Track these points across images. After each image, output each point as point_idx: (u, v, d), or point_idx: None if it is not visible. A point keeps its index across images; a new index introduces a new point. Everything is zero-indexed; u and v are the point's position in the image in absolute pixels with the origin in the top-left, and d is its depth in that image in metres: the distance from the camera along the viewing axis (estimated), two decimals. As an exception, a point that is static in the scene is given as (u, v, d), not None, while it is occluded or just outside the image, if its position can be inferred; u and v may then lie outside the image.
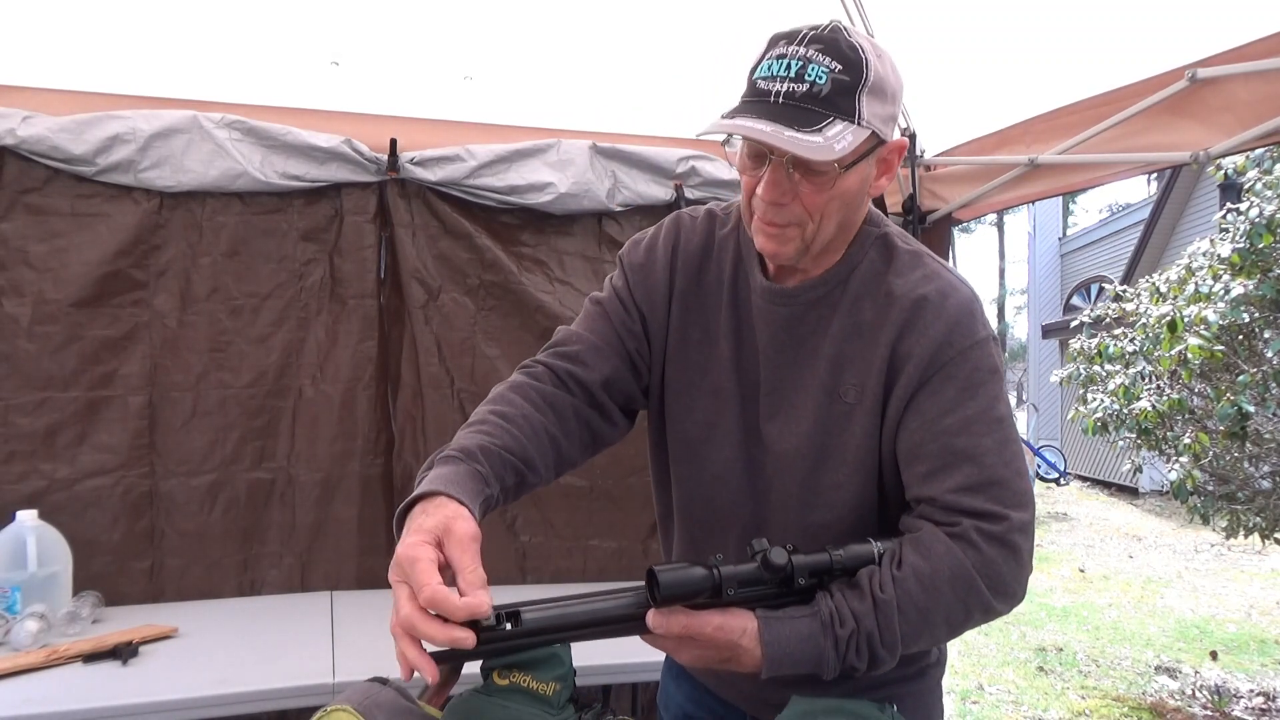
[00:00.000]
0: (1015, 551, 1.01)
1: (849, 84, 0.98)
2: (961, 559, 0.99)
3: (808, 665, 0.98)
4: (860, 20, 2.25)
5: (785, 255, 1.09)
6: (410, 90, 2.46)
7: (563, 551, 2.64)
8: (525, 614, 0.93)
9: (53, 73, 2.24)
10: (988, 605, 1.01)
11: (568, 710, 1.09)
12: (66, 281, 2.25)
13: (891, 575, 1.00)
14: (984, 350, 1.06)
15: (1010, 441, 1.05)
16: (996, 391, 1.06)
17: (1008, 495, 1.01)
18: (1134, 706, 4.36)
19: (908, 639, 1.00)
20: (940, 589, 0.99)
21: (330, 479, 2.47)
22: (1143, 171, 2.51)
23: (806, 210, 1.05)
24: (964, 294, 1.09)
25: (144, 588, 2.30)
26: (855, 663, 0.98)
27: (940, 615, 1.00)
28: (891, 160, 1.08)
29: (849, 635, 0.97)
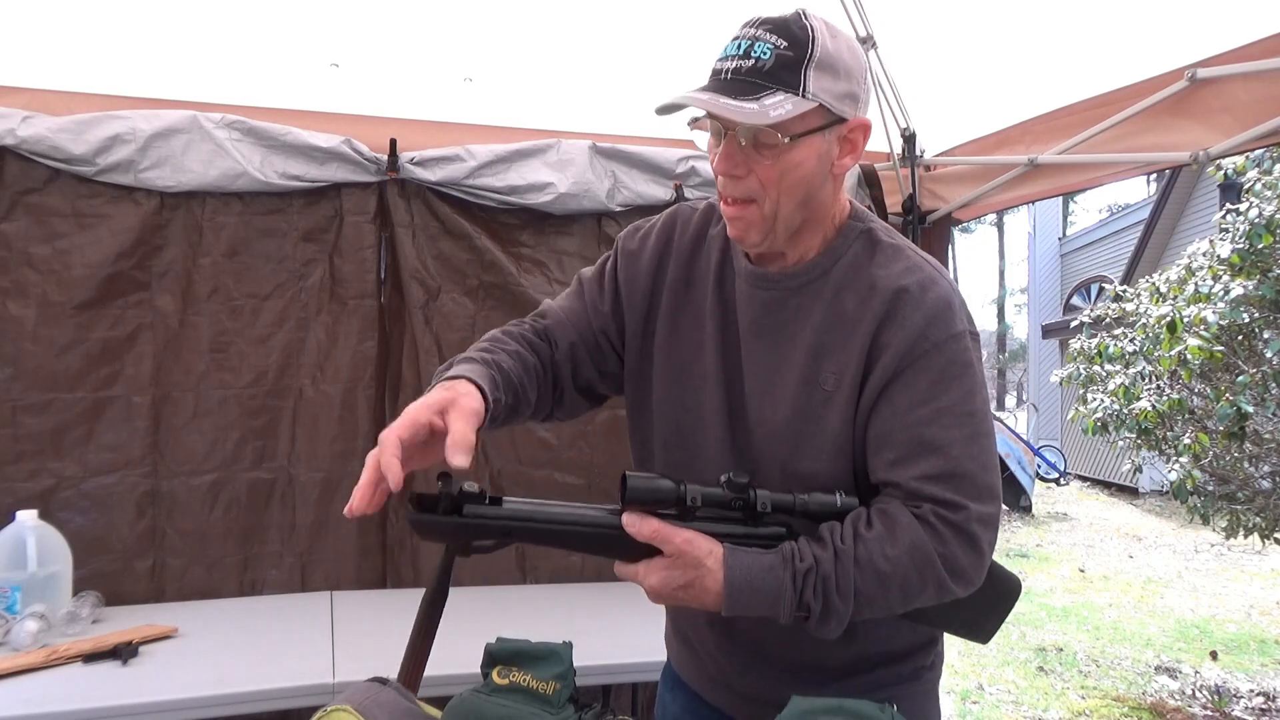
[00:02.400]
0: (973, 541, 1.03)
1: (793, 59, 1.01)
2: (922, 535, 1.02)
3: (767, 597, 1.00)
4: (860, 20, 2.25)
5: (751, 239, 1.12)
6: (410, 92, 2.46)
7: (561, 550, 2.63)
8: (509, 501, 1.00)
9: (53, 73, 2.24)
10: (942, 583, 1.04)
11: (567, 710, 1.09)
12: (70, 283, 2.26)
13: (854, 532, 1.03)
14: (960, 344, 1.07)
15: (980, 436, 1.06)
16: (970, 386, 1.07)
17: (970, 487, 1.03)
18: (1134, 706, 4.36)
19: (862, 595, 1.02)
20: (899, 557, 1.01)
21: (330, 479, 2.47)
22: (1143, 172, 2.52)
23: (761, 184, 1.06)
24: (943, 287, 1.09)
25: (145, 587, 2.31)
26: (811, 602, 1.00)
27: (896, 582, 1.02)
28: (855, 140, 1.09)
29: (806, 571, 1.00)
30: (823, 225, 1.14)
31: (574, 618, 2.24)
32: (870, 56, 2.36)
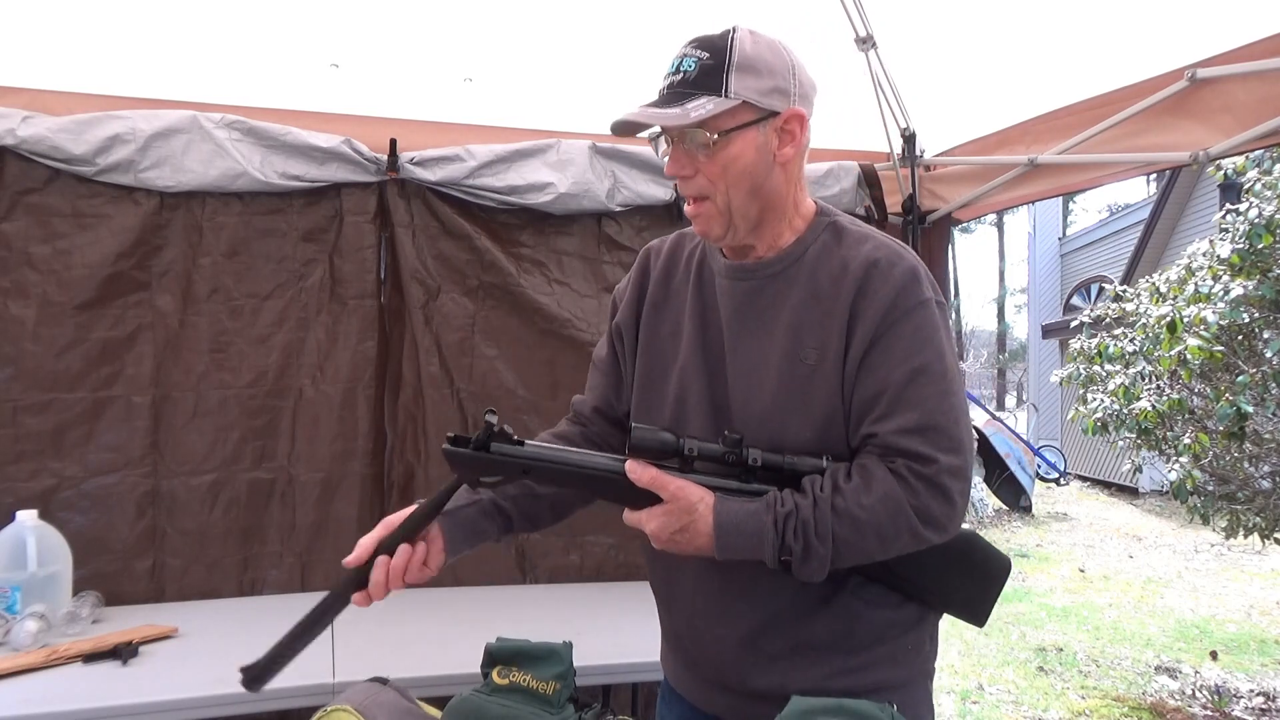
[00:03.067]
0: (944, 491, 1.11)
1: (714, 66, 1.15)
2: (896, 486, 1.11)
3: (752, 539, 1.11)
4: (860, 20, 2.25)
5: (714, 233, 1.23)
6: (410, 92, 2.46)
7: (560, 549, 2.64)
8: (530, 443, 1.16)
9: (53, 73, 2.24)
10: (915, 530, 1.11)
11: (567, 709, 1.09)
12: (70, 283, 2.26)
13: (833, 484, 1.12)
14: (928, 310, 1.16)
15: (951, 394, 1.14)
16: (940, 348, 1.16)
17: (942, 440, 1.12)
18: (1134, 706, 4.36)
19: (840, 539, 1.10)
20: (874, 505, 1.10)
21: (330, 479, 2.47)
22: (1143, 172, 2.52)
23: (709, 180, 1.19)
24: (909, 261, 1.19)
25: (145, 587, 2.31)
26: (792, 544, 1.10)
27: (872, 528, 1.10)
28: (793, 129, 1.19)
29: (787, 515, 1.10)
30: (786, 216, 1.24)
31: (574, 618, 2.24)
32: (870, 56, 2.36)
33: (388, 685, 1.16)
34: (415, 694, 1.19)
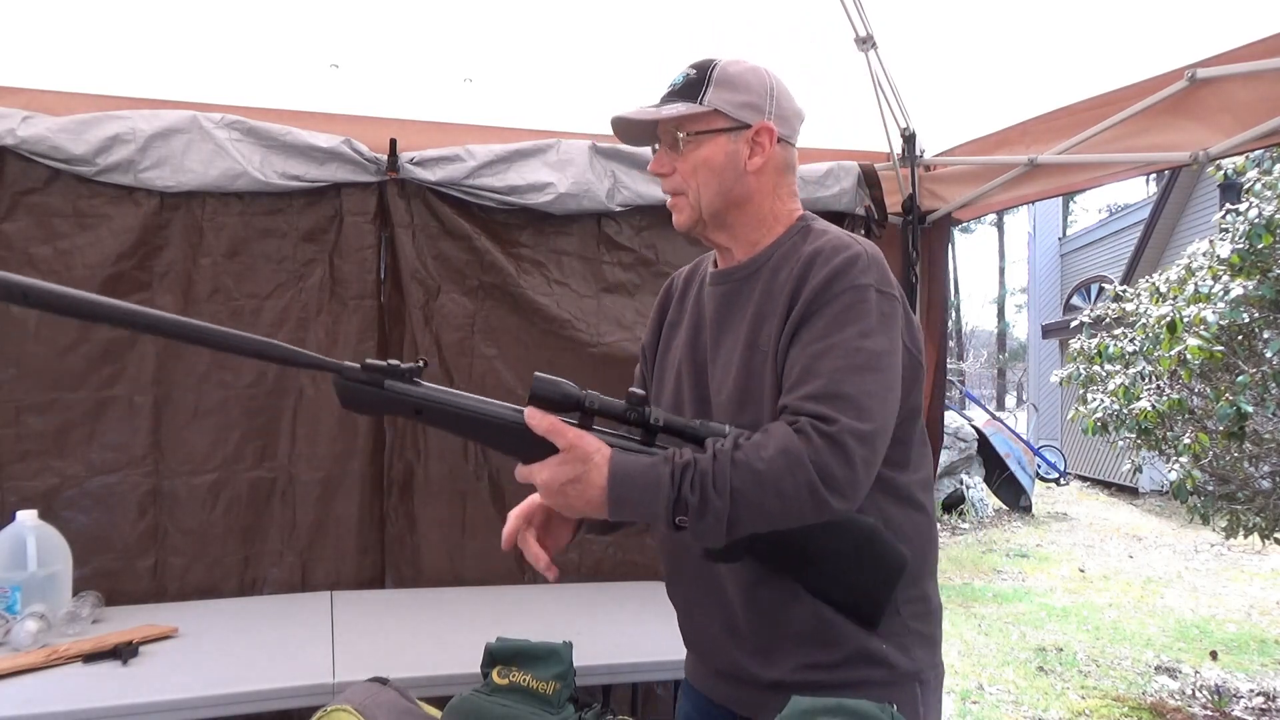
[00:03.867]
0: (844, 450, 1.10)
1: (696, 79, 1.31)
2: (795, 440, 1.11)
3: (647, 491, 1.10)
4: (860, 20, 2.25)
5: (683, 224, 1.35)
6: (410, 92, 2.46)
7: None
8: (427, 385, 1.13)
9: (53, 73, 2.24)
10: (814, 487, 1.09)
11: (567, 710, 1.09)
12: (71, 284, 2.23)
13: (734, 441, 1.14)
14: (862, 294, 1.19)
15: (867, 369, 1.15)
16: (865, 328, 1.17)
17: (847, 406, 1.13)
18: (1134, 706, 4.36)
19: (739, 494, 1.09)
20: (774, 458, 1.10)
21: (331, 478, 2.48)
22: (1142, 172, 2.52)
23: (683, 177, 1.32)
24: (853, 250, 1.23)
25: (147, 585, 2.32)
26: (688, 495, 1.09)
27: (771, 481, 1.09)
28: (762, 141, 1.30)
29: (684, 466, 1.11)
30: (764, 222, 1.34)
31: (574, 618, 2.24)
32: (870, 56, 2.36)
33: (388, 685, 1.16)
34: (415, 694, 1.19)
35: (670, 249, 2.76)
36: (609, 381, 2.64)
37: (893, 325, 1.20)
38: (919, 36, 2.32)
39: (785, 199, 1.36)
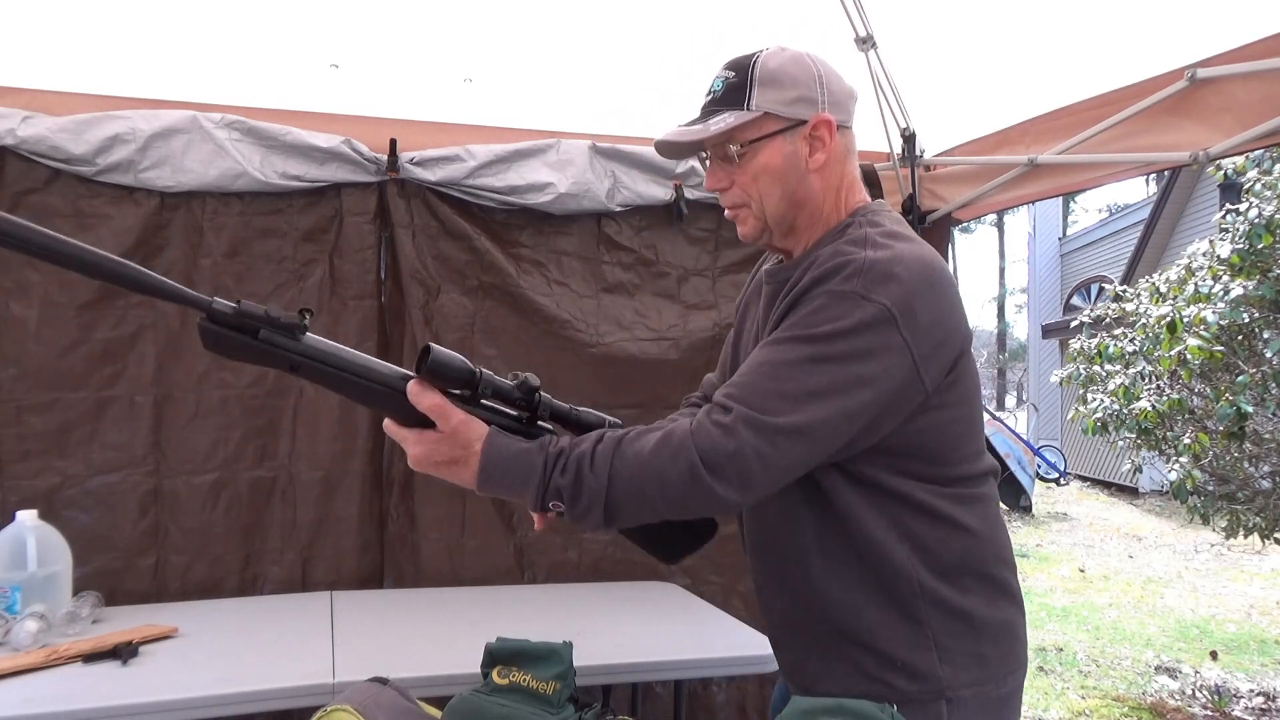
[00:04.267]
0: (733, 435, 1.07)
1: (738, 83, 1.22)
2: (684, 426, 1.10)
3: (518, 475, 1.10)
4: (860, 20, 2.25)
5: (749, 234, 1.29)
6: (410, 92, 2.46)
7: (558, 546, 2.65)
8: (310, 337, 1.07)
9: (53, 73, 2.24)
10: (694, 469, 1.07)
11: (567, 710, 1.09)
12: (71, 284, 2.27)
13: (624, 430, 1.14)
14: (837, 300, 1.12)
15: (794, 366, 1.10)
16: (814, 334, 1.12)
17: (751, 396, 1.10)
18: (1134, 706, 4.36)
19: (616, 476, 1.08)
20: (659, 443, 1.09)
21: (331, 477, 2.48)
22: (1143, 172, 2.52)
23: (743, 189, 1.26)
24: (850, 258, 1.14)
25: (149, 584, 2.32)
26: (559, 481, 1.09)
27: (652, 465, 1.08)
28: (821, 135, 1.23)
29: (559, 453, 1.10)
30: (823, 220, 1.27)
31: (574, 618, 2.24)
32: (870, 56, 2.36)
33: (388, 685, 1.16)
34: (415, 694, 1.19)
35: (670, 249, 2.76)
36: (608, 381, 2.66)
37: (862, 332, 1.11)
38: (919, 36, 2.32)
39: (845, 191, 1.29)
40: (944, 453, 1.22)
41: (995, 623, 1.25)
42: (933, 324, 1.14)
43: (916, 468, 1.20)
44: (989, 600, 1.24)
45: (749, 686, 2.75)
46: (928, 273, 1.16)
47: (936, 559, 1.21)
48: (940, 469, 1.22)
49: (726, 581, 2.75)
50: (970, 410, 1.24)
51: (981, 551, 1.25)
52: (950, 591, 1.22)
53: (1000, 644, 1.25)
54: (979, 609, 1.23)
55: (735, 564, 2.76)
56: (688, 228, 2.75)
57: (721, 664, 2.05)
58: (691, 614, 2.32)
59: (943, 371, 1.18)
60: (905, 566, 1.20)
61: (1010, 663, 1.27)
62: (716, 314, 2.76)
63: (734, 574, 2.75)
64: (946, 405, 1.19)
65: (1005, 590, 1.27)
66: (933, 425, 1.19)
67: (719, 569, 2.76)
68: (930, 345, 1.14)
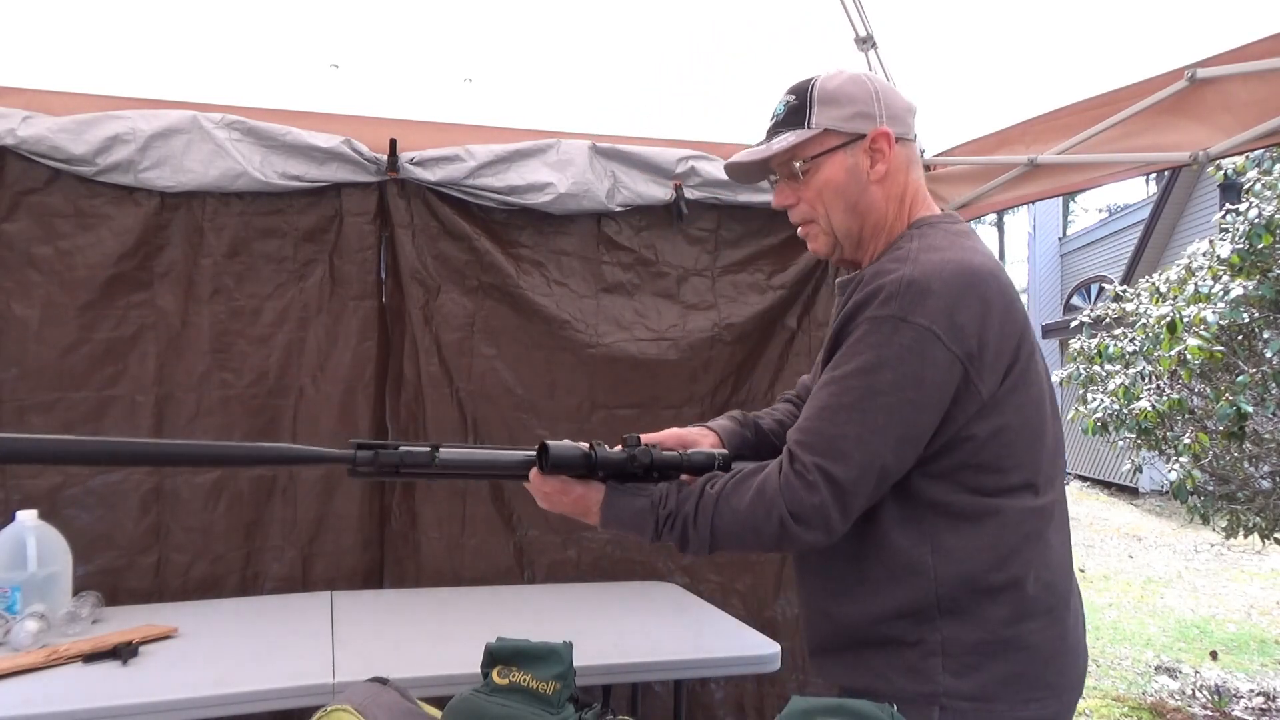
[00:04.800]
0: (814, 490, 1.16)
1: (798, 104, 1.30)
2: (774, 479, 1.19)
3: (634, 530, 1.29)
4: (860, 20, 2.25)
5: (819, 249, 1.36)
6: (410, 92, 2.46)
7: (557, 545, 2.66)
8: (444, 451, 1.25)
9: (53, 73, 2.24)
10: (784, 523, 1.17)
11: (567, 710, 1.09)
12: (73, 284, 2.28)
13: (724, 483, 1.24)
14: (874, 327, 1.17)
15: (853, 409, 1.16)
16: (866, 365, 1.16)
17: (819, 443, 1.17)
18: (1134, 706, 4.36)
19: (717, 531, 1.23)
20: (753, 500, 1.20)
21: (331, 475, 2.49)
22: (1142, 172, 2.52)
23: (809, 204, 1.32)
24: (892, 276, 1.18)
25: (151, 581, 2.34)
26: (669, 537, 1.26)
27: (746, 520, 1.20)
28: (881, 147, 1.28)
29: (667, 516, 1.25)
30: (887, 231, 1.31)
31: (574, 618, 2.24)
32: (870, 56, 2.36)
33: (388, 685, 1.17)
34: (415, 694, 1.19)
35: (669, 249, 2.76)
36: (607, 381, 2.66)
37: (907, 358, 1.14)
38: (919, 36, 2.32)
39: (909, 202, 1.31)
40: (998, 460, 1.20)
41: (1016, 642, 1.20)
42: (980, 331, 1.15)
43: (965, 475, 1.19)
44: (1014, 618, 1.20)
45: (748, 686, 2.76)
46: (970, 280, 1.17)
47: (959, 566, 1.19)
48: (991, 477, 1.20)
49: (725, 580, 2.76)
50: (1030, 417, 1.22)
51: (1014, 566, 1.20)
52: (969, 601, 1.20)
53: (1017, 665, 1.20)
54: (998, 625, 1.19)
55: (734, 563, 2.76)
56: (687, 228, 2.75)
57: (721, 664, 2.05)
58: (691, 614, 2.32)
59: (998, 376, 1.17)
60: (925, 569, 1.20)
61: (1032, 689, 1.20)
62: (715, 314, 2.76)
63: (732, 572, 2.76)
64: (1004, 412, 1.18)
65: (1036, 610, 1.21)
66: (990, 432, 1.18)
67: (718, 568, 2.76)
68: (980, 351, 1.15)
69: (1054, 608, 1.23)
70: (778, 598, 2.79)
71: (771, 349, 2.84)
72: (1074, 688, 1.26)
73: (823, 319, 2.85)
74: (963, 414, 1.17)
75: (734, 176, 1.39)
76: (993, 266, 1.21)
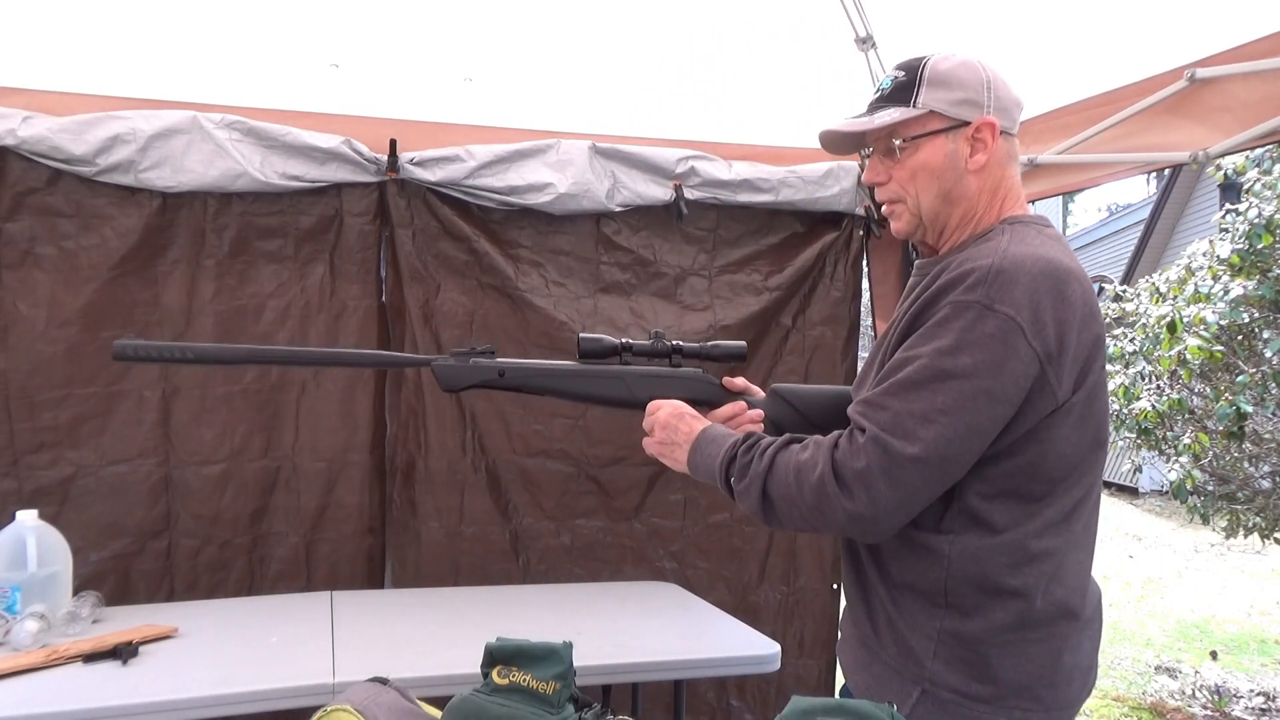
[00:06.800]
0: (861, 454, 1.14)
1: (906, 82, 1.26)
2: (828, 445, 1.20)
3: (715, 450, 1.33)
4: (860, 20, 2.26)
5: (901, 230, 1.33)
6: (410, 92, 2.46)
7: (551, 531, 2.68)
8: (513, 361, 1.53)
9: (53, 74, 2.24)
10: (824, 478, 1.16)
11: (567, 710, 1.09)
12: (77, 284, 2.29)
13: (799, 436, 1.27)
14: (958, 310, 1.14)
15: (922, 386, 1.13)
16: (946, 345, 1.13)
17: (884, 418, 1.15)
18: (1134, 706, 4.36)
19: (774, 469, 1.23)
20: (811, 449, 1.21)
21: (333, 467, 2.53)
22: (1142, 171, 2.52)
23: (900, 184, 1.29)
24: (981, 264, 1.15)
25: (162, 564, 2.40)
26: (741, 460, 1.27)
27: (798, 469, 1.20)
28: (984, 137, 1.25)
29: (746, 439, 1.30)
30: (975, 222, 1.28)
31: (574, 618, 2.24)
32: (870, 56, 2.36)
33: (388, 685, 1.16)
34: (415, 694, 1.19)
35: (668, 248, 2.76)
36: (607, 381, 2.66)
37: (988, 345, 1.10)
38: (919, 36, 2.32)
39: (1002, 196, 1.28)
40: (1049, 472, 1.17)
41: (1011, 650, 1.19)
42: (1061, 330, 1.13)
43: (1019, 480, 1.17)
44: (1015, 625, 1.18)
45: (749, 685, 2.76)
46: (1057, 278, 1.14)
47: (973, 565, 1.18)
48: (1041, 485, 1.17)
49: (712, 566, 2.80)
50: (1097, 430, 1.19)
51: (1028, 576, 1.18)
52: (975, 600, 1.19)
53: (1007, 672, 1.19)
54: (998, 629, 1.18)
55: (723, 550, 2.81)
56: (686, 227, 2.75)
57: (721, 664, 2.05)
58: (691, 614, 2.32)
59: (1074, 379, 1.15)
60: (941, 557, 1.20)
61: (1019, 699, 1.19)
62: (712, 315, 2.77)
63: (720, 560, 2.80)
64: (1071, 420, 1.16)
65: (1038, 622, 1.19)
66: (1054, 439, 1.15)
67: (706, 555, 2.80)
68: (1060, 351, 1.13)
69: (1058, 623, 1.21)
70: (761, 584, 2.83)
71: (766, 345, 2.85)
72: (1067, 706, 1.23)
73: (818, 319, 2.87)
74: (1035, 413, 1.14)
75: (827, 146, 1.35)
76: (1079, 271, 1.19)
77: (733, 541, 2.79)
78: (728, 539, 2.80)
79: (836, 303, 2.87)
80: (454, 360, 1.51)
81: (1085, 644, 1.25)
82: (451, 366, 1.50)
